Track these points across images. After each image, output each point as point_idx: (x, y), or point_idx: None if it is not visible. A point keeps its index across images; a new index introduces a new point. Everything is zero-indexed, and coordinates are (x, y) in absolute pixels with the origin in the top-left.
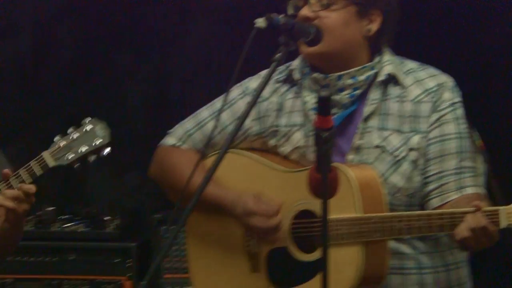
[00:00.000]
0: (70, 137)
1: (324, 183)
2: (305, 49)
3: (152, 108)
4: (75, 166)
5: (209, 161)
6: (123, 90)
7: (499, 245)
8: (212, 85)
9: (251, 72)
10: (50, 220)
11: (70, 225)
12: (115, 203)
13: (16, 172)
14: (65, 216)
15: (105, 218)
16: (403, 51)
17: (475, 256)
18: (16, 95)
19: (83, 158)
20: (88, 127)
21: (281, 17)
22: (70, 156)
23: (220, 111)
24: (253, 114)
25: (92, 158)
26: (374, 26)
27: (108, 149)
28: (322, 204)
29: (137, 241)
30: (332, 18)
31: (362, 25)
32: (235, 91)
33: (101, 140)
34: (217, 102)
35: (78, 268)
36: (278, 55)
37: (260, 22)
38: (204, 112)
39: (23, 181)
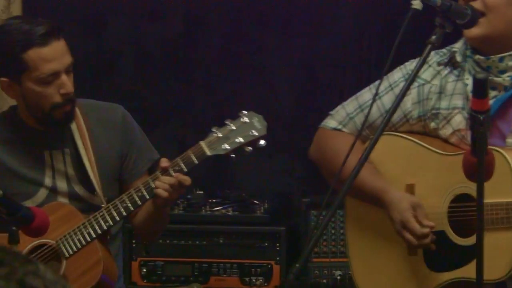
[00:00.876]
0: (227, 128)
1: (479, 167)
2: (468, 32)
3: (301, 91)
4: (231, 156)
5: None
6: (272, 73)
7: None
8: (362, 69)
9: (406, 55)
10: (199, 204)
11: (219, 209)
12: (264, 187)
13: (174, 160)
14: (215, 200)
15: (254, 202)
16: None
17: None
18: (166, 79)
19: (239, 149)
20: (246, 119)
21: None
22: (226, 146)
23: (377, 94)
24: (413, 97)
25: (248, 149)
26: None
27: (263, 142)
28: (477, 188)
29: (286, 225)
30: None
31: None
32: (396, 74)
33: (257, 133)
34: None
35: (227, 252)
36: (433, 38)
37: (417, 4)
38: (366, 95)
39: (180, 170)
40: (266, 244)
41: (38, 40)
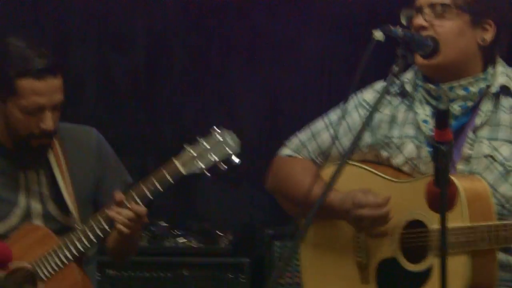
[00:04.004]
0: (200, 146)
1: (443, 197)
2: (421, 61)
3: (264, 120)
4: (207, 175)
5: (325, 172)
6: (235, 102)
7: None
8: (324, 99)
9: (365, 83)
10: (163, 236)
11: (183, 240)
12: (227, 217)
13: (147, 178)
14: (178, 232)
15: (218, 233)
16: None
17: None
18: (130, 107)
19: (214, 167)
20: (219, 136)
21: (399, 29)
22: (201, 164)
23: (339, 123)
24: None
25: (222, 167)
26: (488, 36)
27: (237, 160)
28: (440, 218)
29: (250, 256)
30: (446, 27)
31: (476, 34)
32: (349, 103)
33: (231, 150)
34: (332, 114)
35: (191, 283)
36: (395, 68)
37: (379, 35)
38: (319, 123)
39: (156, 188)
40: (230, 275)
41: (35, 72)
